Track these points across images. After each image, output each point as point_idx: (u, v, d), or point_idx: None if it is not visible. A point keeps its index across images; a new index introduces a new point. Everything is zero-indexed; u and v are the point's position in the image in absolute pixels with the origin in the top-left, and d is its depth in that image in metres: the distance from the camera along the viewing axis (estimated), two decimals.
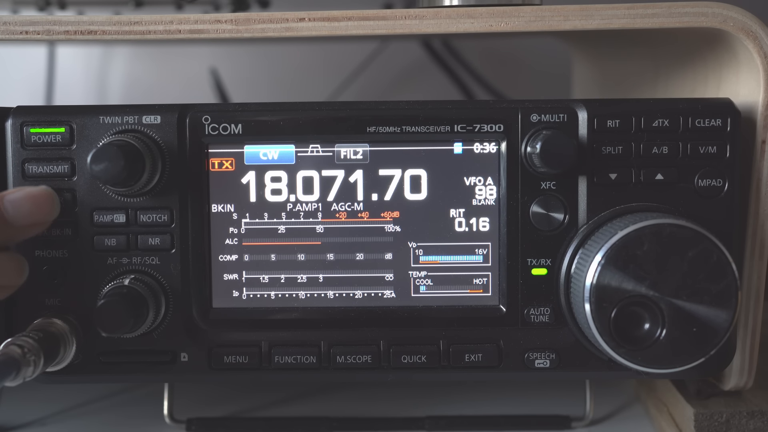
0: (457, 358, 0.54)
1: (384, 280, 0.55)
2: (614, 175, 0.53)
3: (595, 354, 0.54)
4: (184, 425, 0.60)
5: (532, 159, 0.53)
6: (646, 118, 0.53)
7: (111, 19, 0.53)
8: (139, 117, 0.53)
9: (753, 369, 0.56)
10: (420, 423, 0.60)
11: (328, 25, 0.53)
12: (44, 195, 0.44)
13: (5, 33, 0.53)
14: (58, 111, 0.54)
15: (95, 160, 0.51)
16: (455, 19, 0.53)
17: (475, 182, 0.54)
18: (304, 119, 0.54)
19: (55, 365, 0.51)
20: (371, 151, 0.54)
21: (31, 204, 0.43)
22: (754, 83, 0.53)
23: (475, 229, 0.55)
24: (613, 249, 0.49)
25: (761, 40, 0.51)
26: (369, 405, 0.64)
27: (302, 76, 1.02)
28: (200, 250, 0.54)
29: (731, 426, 0.55)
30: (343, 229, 0.55)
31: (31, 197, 0.43)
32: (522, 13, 0.53)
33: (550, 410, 0.61)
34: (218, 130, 0.54)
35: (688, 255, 0.49)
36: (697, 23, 0.52)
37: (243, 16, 0.53)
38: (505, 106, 0.54)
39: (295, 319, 0.55)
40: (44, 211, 0.43)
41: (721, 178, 0.53)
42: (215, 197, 0.54)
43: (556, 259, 0.54)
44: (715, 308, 0.49)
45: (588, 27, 0.52)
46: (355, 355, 0.54)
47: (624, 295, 0.49)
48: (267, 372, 0.55)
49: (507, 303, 0.54)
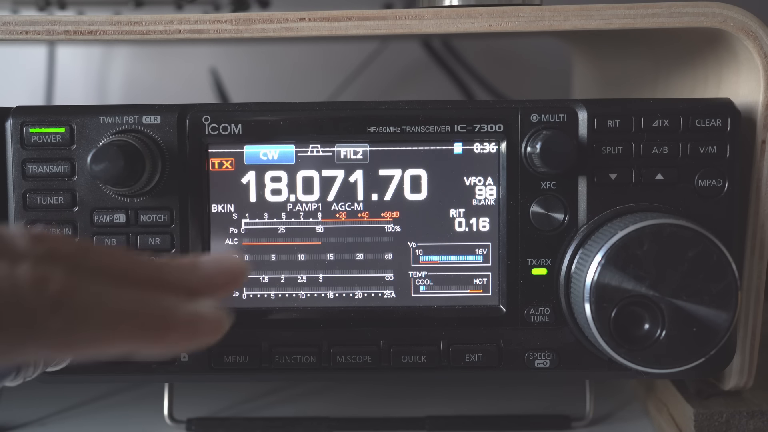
0: (457, 358, 0.54)
1: (384, 280, 0.55)
2: (614, 175, 0.53)
3: (595, 354, 0.54)
4: (184, 425, 0.60)
5: (532, 159, 0.53)
6: (646, 118, 0.53)
7: (111, 19, 0.53)
8: (139, 117, 0.53)
9: (753, 369, 0.56)
10: (420, 423, 0.60)
11: (328, 25, 0.53)
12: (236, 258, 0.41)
13: (5, 33, 0.53)
14: (58, 111, 0.54)
15: (95, 160, 0.51)
16: (455, 19, 0.53)
17: (475, 182, 0.54)
18: (304, 119, 0.54)
19: (55, 365, 0.51)
20: (371, 151, 0.54)
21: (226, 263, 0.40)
22: (754, 83, 0.53)
23: (475, 229, 0.55)
24: (613, 249, 0.49)
25: (761, 40, 0.51)
26: (369, 405, 0.64)
27: (302, 76, 1.02)
28: (200, 251, 0.54)
29: (731, 426, 0.55)
30: (343, 229, 0.55)
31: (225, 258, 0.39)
32: (522, 13, 0.53)
33: (550, 410, 0.61)
34: (218, 130, 0.54)
35: (688, 255, 0.49)
36: (697, 23, 0.52)
37: (243, 16, 0.53)
38: (505, 106, 0.54)
39: (295, 319, 0.55)
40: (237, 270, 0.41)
41: (721, 178, 0.53)
42: (215, 197, 0.54)
43: (556, 259, 0.54)
44: (715, 308, 0.49)
45: (588, 27, 0.52)
46: (355, 355, 0.54)
47: (624, 295, 0.49)
48: (267, 372, 0.55)
49: (507, 303, 0.54)
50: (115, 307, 0.34)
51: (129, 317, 0.34)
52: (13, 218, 0.53)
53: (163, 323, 0.35)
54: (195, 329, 0.36)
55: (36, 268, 0.32)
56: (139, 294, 0.35)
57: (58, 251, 0.34)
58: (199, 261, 0.39)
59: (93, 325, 0.33)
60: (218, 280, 0.39)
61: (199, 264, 0.39)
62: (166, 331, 0.35)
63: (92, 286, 0.34)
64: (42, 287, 0.32)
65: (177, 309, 0.36)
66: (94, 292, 0.34)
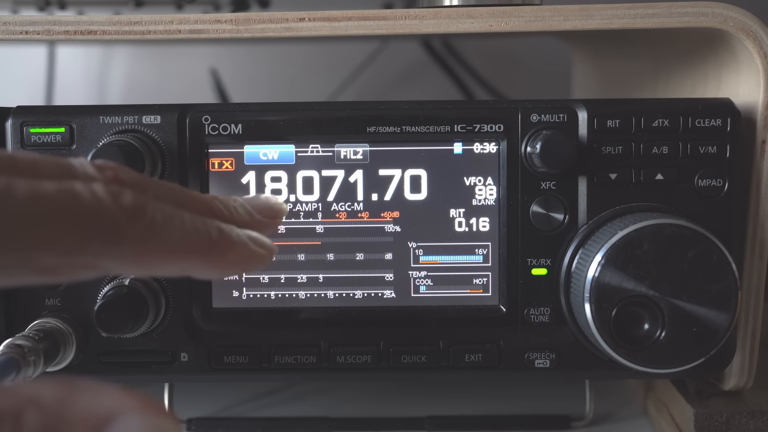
0: (457, 358, 0.54)
1: (384, 280, 0.55)
2: (614, 175, 0.53)
3: (595, 354, 0.54)
4: (184, 425, 0.60)
5: (532, 159, 0.53)
6: (646, 118, 0.53)
7: (111, 19, 0.53)
8: (139, 117, 0.53)
9: (753, 369, 0.56)
10: (420, 423, 0.60)
11: (328, 25, 0.53)
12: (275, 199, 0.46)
13: (5, 33, 0.53)
14: (58, 111, 0.54)
15: (95, 160, 0.51)
16: (455, 19, 0.53)
17: (475, 182, 0.54)
18: (304, 119, 0.54)
19: (55, 365, 0.51)
20: (371, 151, 0.54)
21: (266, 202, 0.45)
22: (754, 83, 0.53)
23: (475, 229, 0.55)
24: (613, 249, 0.49)
25: (761, 40, 0.51)
26: (369, 405, 0.64)
27: (302, 76, 1.02)
28: None
29: (731, 426, 0.55)
30: (343, 229, 0.55)
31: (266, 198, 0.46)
32: (522, 13, 0.53)
33: (550, 410, 0.61)
34: (218, 130, 0.54)
35: (688, 255, 0.49)
36: (697, 23, 0.52)
37: (243, 16, 0.53)
38: (505, 106, 0.54)
39: (295, 319, 0.55)
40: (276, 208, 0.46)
41: (721, 178, 0.53)
42: None
43: (556, 259, 0.54)
44: (715, 308, 0.49)
45: (588, 27, 0.52)
46: (355, 355, 0.54)
47: (624, 295, 0.49)
48: (267, 372, 0.55)
49: (507, 303, 0.54)
50: (183, 224, 0.37)
51: (196, 232, 0.37)
52: None
53: (224, 240, 0.38)
54: (251, 250, 0.40)
55: (108, 186, 0.34)
56: (201, 216, 0.38)
57: (123, 178, 0.36)
58: (243, 199, 0.44)
59: (165, 238, 0.36)
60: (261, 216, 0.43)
61: (245, 201, 0.43)
62: (227, 249, 0.38)
63: (161, 204, 0.36)
64: (118, 199, 0.34)
65: (233, 231, 0.39)
66: (163, 209, 0.36)
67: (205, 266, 0.38)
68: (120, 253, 0.34)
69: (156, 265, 0.36)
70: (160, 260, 0.36)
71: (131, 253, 0.35)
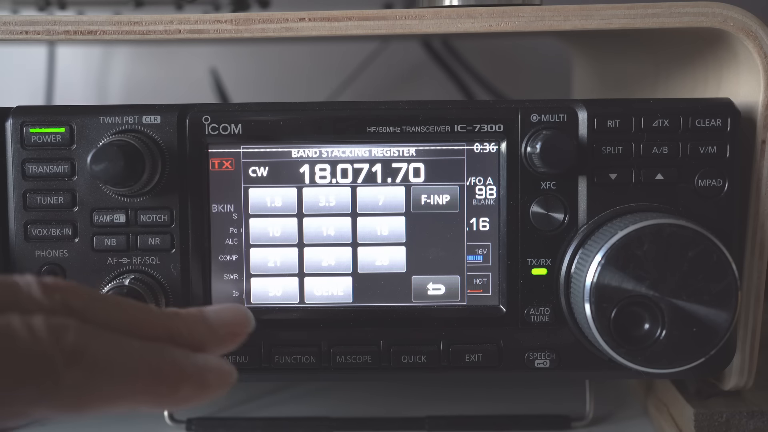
0: (457, 358, 0.54)
1: (384, 279, 0.55)
2: (614, 175, 0.53)
3: (595, 354, 0.54)
4: (184, 425, 0.60)
5: (532, 159, 0.53)
6: (646, 118, 0.53)
7: (111, 19, 0.53)
8: (139, 117, 0.53)
9: (753, 369, 0.56)
10: (420, 423, 0.60)
11: (328, 25, 0.53)
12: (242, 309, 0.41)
13: (5, 33, 0.53)
14: (58, 111, 0.54)
15: (95, 160, 0.51)
16: (455, 19, 0.53)
17: (475, 182, 0.54)
18: (304, 119, 0.54)
19: None
20: (371, 150, 0.54)
21: (232, 314, 0.40)
22: (754, 83, 0.53)
23: (475, 229, 0.55)
24: (613, 249, 0.49)
25: (761, 40, 0.51)
26: (369, 405, 0.64)
27: (302, 76, 1.02)
28: (200, 250, 0.54)
29: (731, 426, 0.55)
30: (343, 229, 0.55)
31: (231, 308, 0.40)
32: (522, 13, 0.53)
33: (550, 410, 0.61)
34: (218, 130, 0.54)
35: (688, 255, 0.49)
36: (697, 23, 0.52)
37: (243, 16, 0.53)
38: (505, 106, 0.54)
39: (295, 319, 0.55)
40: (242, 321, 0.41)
41: (721, 178, 0.53)
42: (215, 197, 0.54)
43: (556, 259, 0.54)
44: (715, 308, 0.49)
45: (588, 27, 0.52)
46: (355, 355, 0.54)
47: (624, 295, 0.49)
48: (267, 372, 0.55)
49: (507, 303, 0.54)
50: (130, 360, 0.33)
51: (145, 368, 0.34)
52: (13, 218, 0.53)
53: (176, 375, 0.35)
54: (206, 382, 0.36)
55: (51, 320, 0.31)
56: (151, 346, 0.35)
57: (71, 302, 0.33)
58: (204, 313, 0.39)
59: (107, 380, 0.32)
60: (224, 332, 0.39)
61: (206, 316, 0.39)
62: (179, 384, 0.35)
63: (106, 338, 0.33)
64: (59, 339, 0.31)
65: (188, 360, 0.35)
66: (108, 344, 0.33)
67: (152, 404, 0.35)
68: (54, 399, 0.31)
69: (96, 409, 0.33)
70: (101, 404, 0.33)
71: (68, 399, 0.32)
